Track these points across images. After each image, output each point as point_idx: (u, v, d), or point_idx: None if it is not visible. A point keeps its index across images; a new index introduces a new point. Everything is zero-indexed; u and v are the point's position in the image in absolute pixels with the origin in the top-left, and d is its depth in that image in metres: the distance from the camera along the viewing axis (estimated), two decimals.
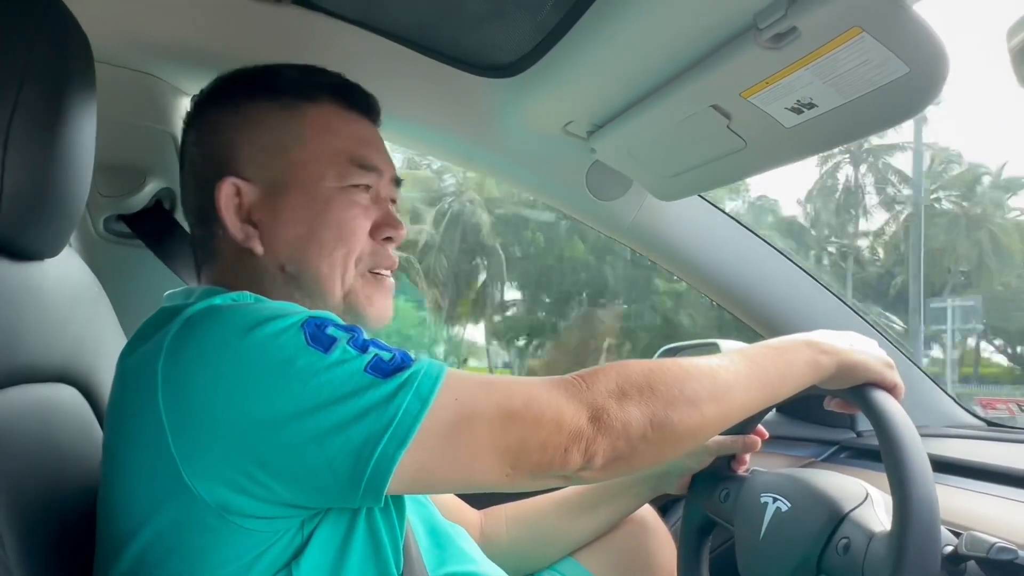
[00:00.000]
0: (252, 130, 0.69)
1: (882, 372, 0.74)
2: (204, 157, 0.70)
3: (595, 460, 0.58)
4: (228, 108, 0.70)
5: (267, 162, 0.69)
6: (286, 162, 0.69)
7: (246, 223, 0.68)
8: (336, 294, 0.69)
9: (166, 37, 0.92)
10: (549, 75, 0.91)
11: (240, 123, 0.70)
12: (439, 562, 0.69)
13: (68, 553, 0.60)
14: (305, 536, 0.56)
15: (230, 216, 0.67)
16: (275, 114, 0.70)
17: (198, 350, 0.54)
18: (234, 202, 0.67)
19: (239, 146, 0.69)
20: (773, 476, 0.84)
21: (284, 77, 0.71)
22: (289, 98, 0.70)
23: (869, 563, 0.64)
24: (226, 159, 0.69)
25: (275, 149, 0.69)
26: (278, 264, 0.68)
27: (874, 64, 0.66)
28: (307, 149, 0.69)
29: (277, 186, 0.68)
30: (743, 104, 0.78)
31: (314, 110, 0.71)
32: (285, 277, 0.68)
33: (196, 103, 0.74)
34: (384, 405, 0.52)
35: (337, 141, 0.70)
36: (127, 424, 0.56)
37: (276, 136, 0.69)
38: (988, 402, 2.34)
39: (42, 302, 0.66)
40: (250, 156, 0.68)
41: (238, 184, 0.67)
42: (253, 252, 0.68)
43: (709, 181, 1.02)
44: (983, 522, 0.74)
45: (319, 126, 0.70)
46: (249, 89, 0.71)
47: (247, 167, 0.68)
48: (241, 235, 0.67)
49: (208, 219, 0.69)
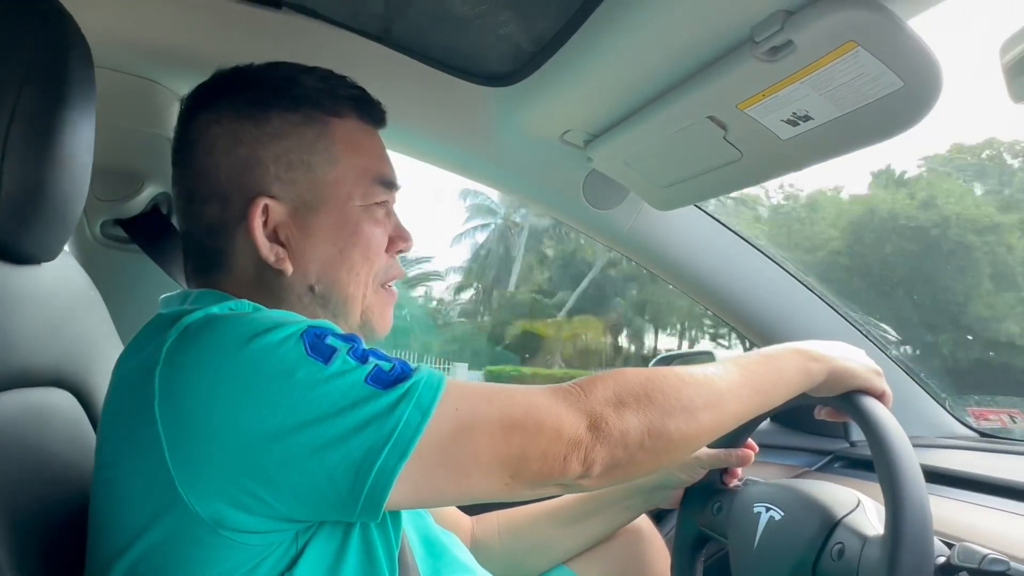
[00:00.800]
0: (276, 145, 0.66)
1: (870, 379, 0.75)
2: (223, 168, 0.66)
3: (593, 468, 0.58)
4: (249, 118, 0.66)
5: (295, 180, 0.66)
6: (314, 180, 0.67)
7: (273, 242, 0.65)
8: (357, 313, 0.69)
9: (165, 42, 0.92)
10: (547, 84, 0.91)
11: (263, 137, 0.66)
12: (434, 571, 0.69)
13: (62, 558, 0.60)
14: (299, 548, 0.55)
15: (260, 237, 0.64)
16: (299, 128, 0.67)
17: (196, 361, 0.53)
18: (262, 220, 0.65)
19: (263, 162, 0.66)
20: (766, 486, 0.84)
21: (304, 86, 0.68)
22: (312, 110, 0.68)
23: (864, 566, 0.65)
24: (251, 175, 0.65)
25: (302, 167, 0.66)
26: (307, 284, 0.67)
27: (869, 78, 0.66)
28: (336, 169, 0.68)
29: (306, 205, 0.66)
30: (739, 116, 0.79)
31: (340, 126, 0.69)
32: (312, 296, 0.67)
33: (201, 101, 0.69)
34: (385, 417, 0.52)
35: (364, 160, 0.70)
36: (122, 433, 0.55)
37: (302, 153, 0.67)
38: (981, 413, 2.36)
39: (38, 306, 0.66)
40: (276, 174, 0.66)
41: (268, 203, 0.65)
42: (280, 272, 0.66)
43: (705, 191, 1.03)
44: (976, 533, 0.74)
45: (347, 144, 0.69)
46: (271, 97, 0.67)
47: (273, 184, 0.66)
48: (272, 256, 0.65)
49: (224, 234, 0.66)
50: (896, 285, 16.79)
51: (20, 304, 0.64)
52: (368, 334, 0.71)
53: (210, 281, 0.68)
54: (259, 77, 0.69)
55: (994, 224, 16.37)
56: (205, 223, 0.67)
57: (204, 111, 0.68)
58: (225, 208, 0.66)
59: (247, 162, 0.66)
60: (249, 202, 0.65)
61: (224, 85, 0.69)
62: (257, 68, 0.70)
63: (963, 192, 17.81)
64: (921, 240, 16.60)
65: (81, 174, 0.65)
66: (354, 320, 0.69)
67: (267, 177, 0.66)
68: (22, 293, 0.64)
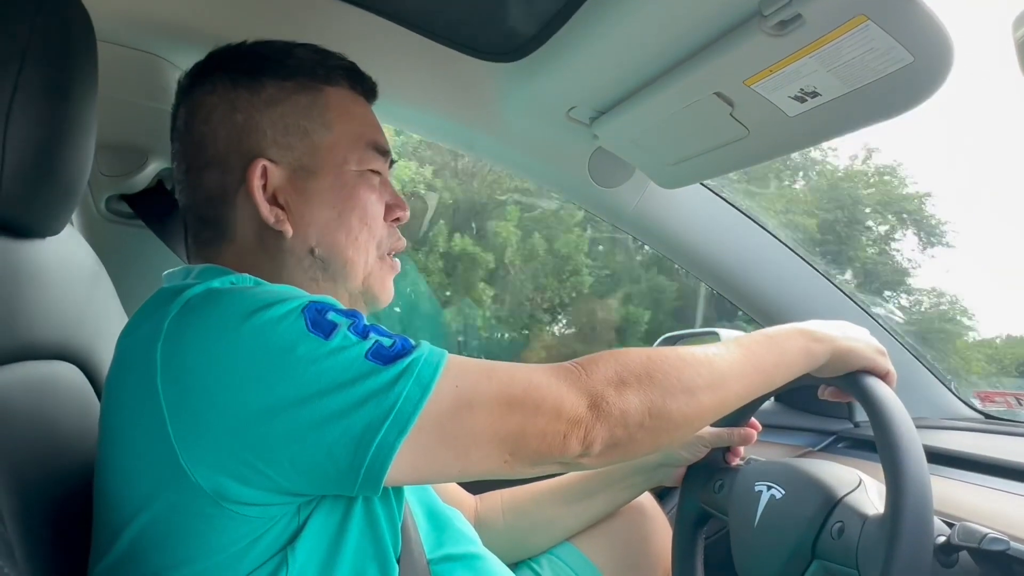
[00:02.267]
0: (272, 111, 0.68)
1: (874, 359, 0.75)
2: (220, 136, 0.68)
3: (593, 447, 0.58)
4: (244, 85, 0.68)
5: (292, 144, 0.68)
6: (310, 145, 0.69)
7: (273, 205, 0.67)
8: (358, 278, 0.71)
9: (168, 17, 0.92)
10: (552, 60, 0.90)
11: (259, 103, 0.68)
12: (437, 544, 0.69)
13: (68, 529, 0.60)
14: (301, 521, 0.56)
15: (260, 199, 0.66)
16: (293, 95, 0.69)
17: (197, 335, 0.54)
18: (261, 183, 0.67)
19: (261, 127, 0.68)
20: (767, 465, 0.84)
21: (298, 56, 0.70)
22: (306, 79, 0.70)
23: (863, 545, 0.65)
24: (248, 140, 0.67)
25: (298, 131, 0.68)
26: (307, 247, 0.68)
27: (879, 53, 0.65)
28: (332, 133, 0.69)
29: (304, 169, 0.68)
30: (746, 92, 0.78)
31: (333, 94, 0.71)
32: (312, 260, 0.68)
33: (198, 75, 0.71)
34: (385, 392, 0.52)
35: (357, 127, 0.71)
36: (125, 406, 0.56)
37: (297, 118, 0.68)
38: (987, 395, 2.36)
39: (43, 280, 0.67)
40: (273, 138, 0.68)
41: (266, 165, 0.67)
42: (280, 234, 0.67)
43: (712, 169, 1.02)
44: (977, 513, 0.74)
45: (341, 111, 0.71)
46: (264, 66, 0.69)
47: (271, 148, 0.67)
48: (272, 218, 0.66)
49: (224, 200, 0.68)
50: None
51: (26, 278, 0.64)
52: (370, 301, 0.73)
53: (212, 253, 0.69)
54: (252, 50, 0.71)
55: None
56: (205, 192, 0.69)
57: (200, 86, 0.70)
58: (224, 174, 0.68)
59: (244, 127, 0.68)
60: (248, 165, 0.66)
61: (218, 60, 0.71)
62: (251, 43, 0.72)
63: None
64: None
65: (85, 148, 0.65)
66: (355, 285, 0.71)
67: (264, 141, 0.68)
68: (27, 267, 0.65)
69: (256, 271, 0.65)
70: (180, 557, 0.54)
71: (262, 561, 0.55)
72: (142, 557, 0.55)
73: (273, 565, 0.55)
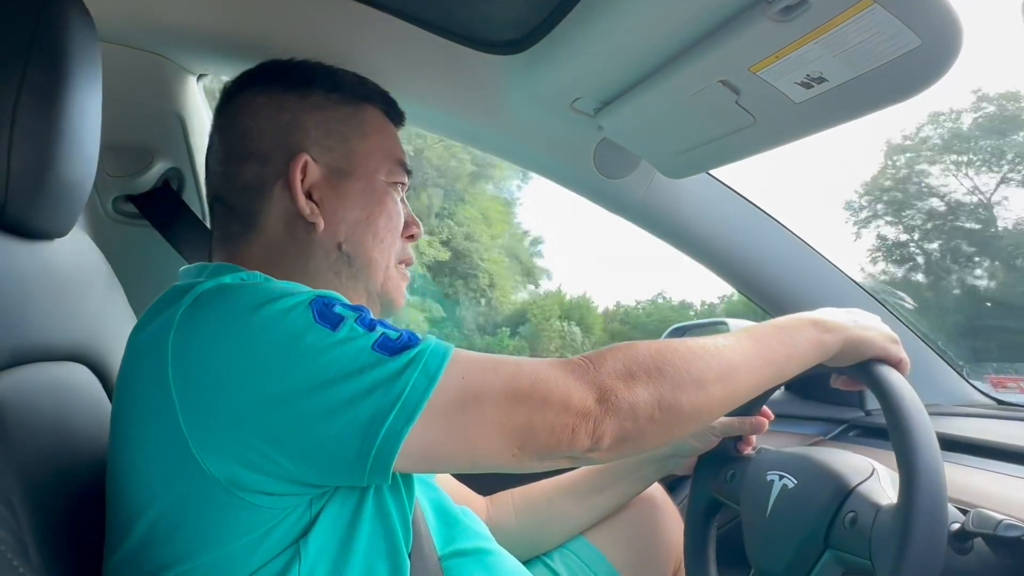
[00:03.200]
0: (318, 114, 0.74)
1: (887, 347, 0.74)
2: (266, 130, 0.72)
3: (602, 441, 0.58)
4: (294, 91, 0.74)
5: (332, 147, 0.73)
6: (348, 150, 0.74)
7: (308, 199, 0.71)
8: (379, 279, 0.75)
9: (170, 17, 0.92)
10: (555, 51, 0.90)
11: (305, 106, 0.73)
12: (448, 540, 0.70)
13: (81, 528, 0.61)
14: (313, 514, 0.57)
15: (298, 190, 0.70)
16: (337, 104, 0.75)
17: (208, 327, 0.55)
18: (300, 177, 0.70)
19: (305, 127, 0.73)
20: (779, 454, 0.84)
21: (342, 76, 0.77)
22: (347, 94, 0.76)
23: (876, 535, 0.64)
24: (293, 136, 0.72)
25: (338, 136, 0.74)
26: (336, 241, 0.72)
27: (885, 36, 0.65)
28: (367, 143, 0.75)
29: (340, 170, 0.73)
30: (752, 79, 0.77)
31: (370, 111, 0.78)
32: (339, 254, 0.72)
33: (249, 79, 0.76)
34: (391, 382, 0.53)
35: (388, 142, 0.78)
36: (137, 400, 0.57)
37: (338, 125, 0.74)
38: (999, 381, 2.34)
39: (52, 281, 0.67)
40: (316, 139, 0.73)
41: (308, 161, 0.71)
42: (312, 227, 0.71)
43: (718, 158, 1.01)
44: (991, 500, 0.74)
45: (376, 126, 0.77)
46: (312, 78, 0.75)
47: (313, 147, 0.72)
48: (307, 209, 0.70)
49: (258, 192, 0.71)
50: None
51: (35, 280, 0.64)
52: (386, 304, 0.76)
53: (239, 244, 0.72)
54: (303, 64, 0.78)
55: None
56: (240, 182, 0.72)
57: (249, 87, 0.75)
58: (265, 166, 0.72)
59: (290, 125, 0.73)
60: (291, 158, 0.71)
61: (270, 70, 0.77)
62: (299, 59, 0.78)
63: None
64: None
65: (90, 149, 0.65)
66: (375, 285, 0.74)
67: (308, 139, 0.73)
68: (36, 269, 0.65)
69: (281, 262, 0.70)
70: (193, 547, 0.54)
71: (274, 554, 0.55)
72: (155, 548, 0.55)
73: (285, 559, 0.55)
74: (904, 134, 17.41)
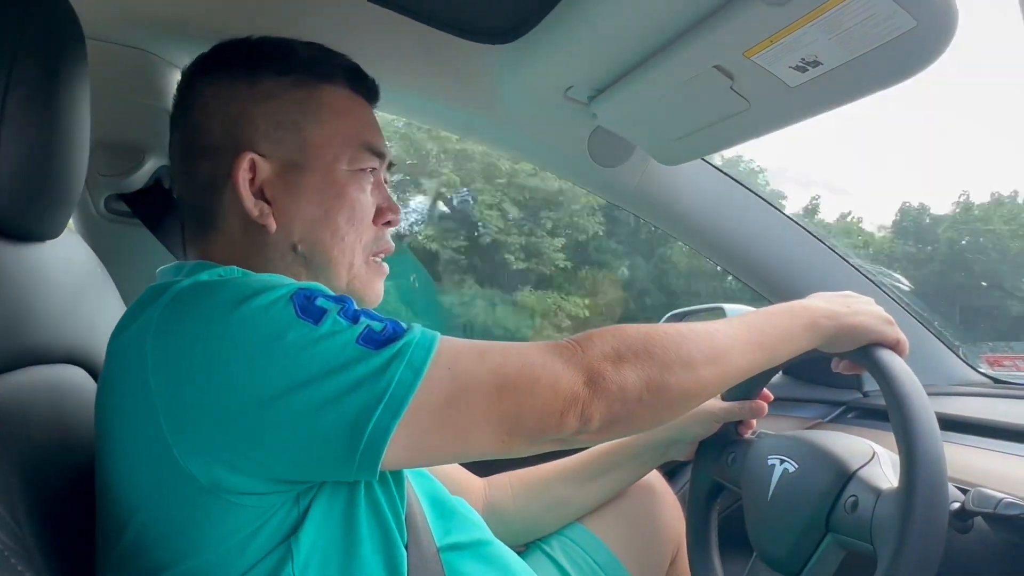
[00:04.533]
0: (268, 104, 0.68)
1: (883, 331, 0.74)
2: (215, 125, 0.68)
3: (591, 423, 0.58)
4: (242, 78, 0.68)
5: (283, 139, 0.68)
6: (302, 140, 0.68)
7: (259, 199, 0.67)
8: (342, 278, 0.70)
9: (157, 12, 0.91)
10: (548, 39, 0.89)
11: (255, 95, 0.68)
12: (444, 532, 0.69)
13: (82, 530, 0.61)
14: (301, 510, 0.56)
15: (245, 191, 0.66)
16: (290, 90, 0.69)
17: (186, 328, 0.53)
18: (248, 177, 0.66)
19: (254, 120, 0.67)
20: (779, 438, 0.84)
21: (299, 53, 0.70)
22: (303, 75, 0.70)
23: (877, 520, 0.65)
24: (240, 131, 0.67)
25: (291, 126, 0.68)
26: (290, 243, 0.68)
27: (880, 18, 0.64)
28: (324, 130, 0.69)
29: (293, 164, 0.68)
30: (746, 64, 0.76)
31: (329, 92, 0.71)
32: (295, 256, 0.68)
33: (201, 67, 0.71)
34: (377, 376, 0.52)
35: (351, 126, 0.71)
36: (119, 405, 0.56)
37: (291, 113, 0.68)
38: (995, 359, 2.35)
39: (45, 283, 0.66)
40: (265, 132, 0.67)
41: (255, 159, 0.66)
42: (264, 228, 0.67)
43: (713, 144, 1.00)
44: (991, 478, 0.74)
45: (335, 109, 0.70)
46: (264, 60, 0.69)
47: (262, 142, 0.67)
48: (255, 211, 0.66)
49: (213, 190, 0.68)
50: None
51: (26, 282, 0.64)
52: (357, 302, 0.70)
53: (204, 245, 0.69)
54: (254, 45, 0.71)
55: None
56: (198, 181, 0.69)
57: (201, 76, 0.70)
58: (216, 163, 0.67)
59: (238, 118, 0.68)
60: (236, 156, 0.66)
61: (220, 53, 0.71)
62: (254, 38, 0.72)
63: None
64: None
65: (80, 148, 0.65)
66: (339, 284, 0.70)
67: (256, 134, 0.67)
68: (29, 271, 0.64)
69: (243, 263, 0.65)
70: (181, 551, 0.54)
71: (265, 553, 0.54)
72: (145, 553, 0.54)
73: (277, 557, 0.54)
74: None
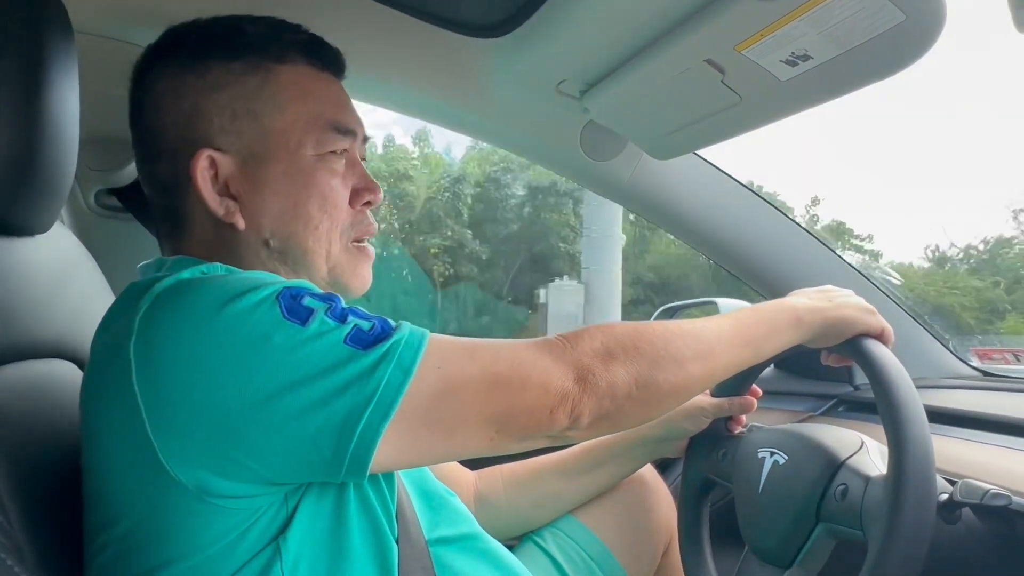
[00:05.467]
0: (219, 95, 0.64)
1: (867, 321, 0.76)
2: (168, 125, 0.64)
3: (581, 420, 0.58)
4: (191, 70, 0.64)
5: (241, 130, 0.64)
6: (261, 130, 0.64)
7: (224, 196, 0.64)
8: (322, 268, 0.67)
9: (145, 5, 0.90)
10: (539, 33, 0.89)
11: (205, 87, 0.64)
12: (433, 525, 0.69)
13: (73, 528, 0.60)
14: (290, 510, 0.55)
15: (207, 191, 0.63)
16: (241, 77, 0.64)
17: (170, 330, 0.51)
18: (210, 175, 0.63)
19: (207, 114, 0.63)
20: (770, 431, 0.85)
21: (247, 33, 0.66)
22: (256, 58, 0.65)
23: (867, 506, 0.65)
24: (195, 128, 0.63)
25: (247, 116, 0.64)
26: (261, 239, 0.65)
27: (869, 12, 0.64)
28: (284, 116, 0.65)
29: (255, 156, 0.64)
30: (737, 58, 0.77)
31: (287, 73, 0.66)
32: (269, 251, 0.65)
33: (147, 61, 0.67)
34: (365, 377, 0.51)
35: (314, 106, 0.66)
36: (103, 407, 0.54)
37: (246, 102, 0.64)
38: (984, 352, 2.37)
39: (35, 278, 0.66)
40: (221, 125, 0.63)
41: (213, 156, 0.63)
42: (234, 226, 0.64)
43: (705, 138, 1.01)
44: (978, 470, 0.75)
45: (295, 90, 0.66)
46: (211, 47, 0.65)
47: (219, 136, 0.63)
48: (221, 210, 0.63)
49: (177, 191, 0.65)
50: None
51: (18, 277, 0.63)
52: (342, 293, 0.68)
53: (178, 244, 0.67)
54: (200, 29, 0.66)
55: None
56: (160, 183, 0.66)
57: (150, 69, 0.66)
58: (175, 164, 0.64)
59: (190, 115, 0.64)
60: (193, 155, 0.63)
61: (168, 41, 0.67)
62: (201, 22, 0.67)
63: None
64: None
65: (69, 142, 0.64)
66: (320, 276, 0.67)
67: (211, 128, 0.63)
68: (19, 266, 0.64)
69: (220, 261, 0.62)
70: (169, 555, 0.53)
71: (253, 554, 0.54)
72: (131, 557, 0.54)
73: (265, 557, 0.54)
74: None
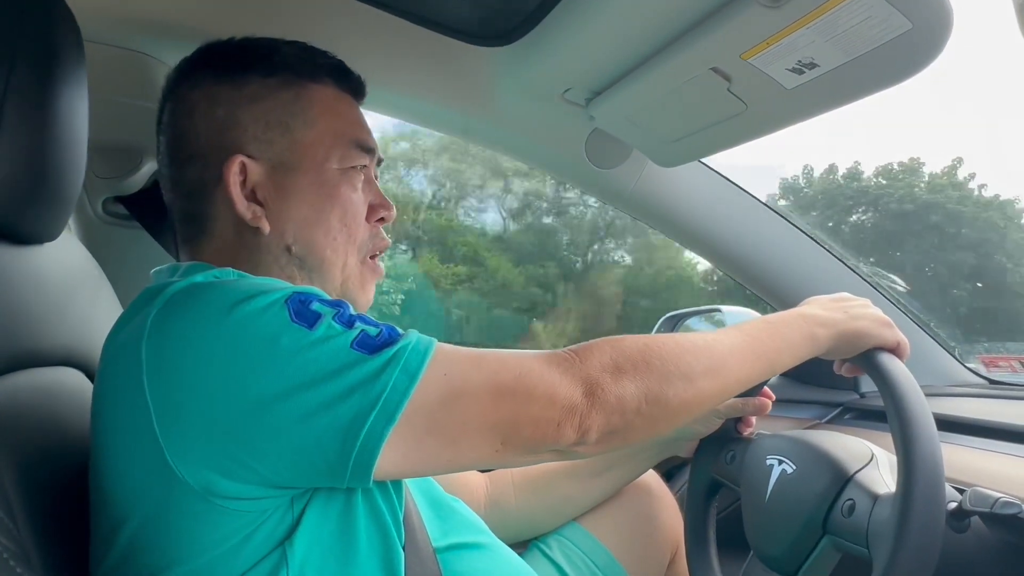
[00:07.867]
0: (255, 106, 0.68)
1: (883, 334, 0.74)
2: (202, 130, 0.68)
3: (589, 435, 0.57)
4: (227, 81, 0.68)
5: (272, 140, 0.68)
6: (291, 141, 0.68)
7: (251, 201, 0.67)
8: (336, 278, 0.70)
9: (154, 14, 0.91)
10: (545, 41, 0.89)
11: (241, 98, 0.68)
12: (442, 533, 0.69)
13: (80, 533, 0.60)
14: (296, 515, 0.55)
15: (237, 194, 0.66)
16: (276, 91, 0.69)
17: (180, 331, 0.53)
18: (239, 179, 0.66)
19: (242, 122, 0.67)
20: (778, 439, 0.84)
21: (284, 54, 0.70)
22: (290, 75, 0.70)
23: (873, 525, 0.65)
24: (228, 135, 0.67)
25: (280, 127, 0.68)
26: (283, 244, 0.68)
27: (876, 20, 0.65)
28: (314, 130, 0.69)
29: (284, 165, 0.68)
30: (743, 66, 0.77)
31: (318, 91, 0.71)
32: (289, 257, 0.68)
33: (184, 71, 0.71)
34: (371, 382, 0.51)
35: (340, 124, 0.71)
36: (114, 408, 0.55)
37: (279, 114, 0.68)
38: (991, 360, 2.37)
39: (43, 286, 0.66)
40: (254, 134, 0.67)
41: (245, 162, 0.66)
42: (258, 231, 0.67)
43: (710, 146, 1.01)
44: (987, 478, 0.75)
45: (323, 108, 0.70)
46: (249, 62, 0.69)
47: (251, 144, 0.67)
48: (248, 214, 0.66)
49: (204, 195, 0.68)
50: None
51: (25, 285, 0.64)
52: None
53: (196, 249, 0.69)
54: (238, 46, 0.71)
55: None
56: (187, 186, 0.69)
57: (185, 80, 0.70)
58: (205, 168, 0.68)
59: (225, 122, 0.68)
60: (226, 160, 0.66)
61: (204, 56, 0.71)
62: (238, 40, 0.72)
63: None
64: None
65: (78, 150, 0.65)
66: (333, 286, 0.70)
67: (244, 136, 0.68)
68: (27, 274, 0.64)
69: (236, 267, 0.64)
70: (174, 556, 0.53)
71: (259, 557, 0.54)
72: (138, 558, 0.54)
73: (271, 561, 0.54)
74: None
